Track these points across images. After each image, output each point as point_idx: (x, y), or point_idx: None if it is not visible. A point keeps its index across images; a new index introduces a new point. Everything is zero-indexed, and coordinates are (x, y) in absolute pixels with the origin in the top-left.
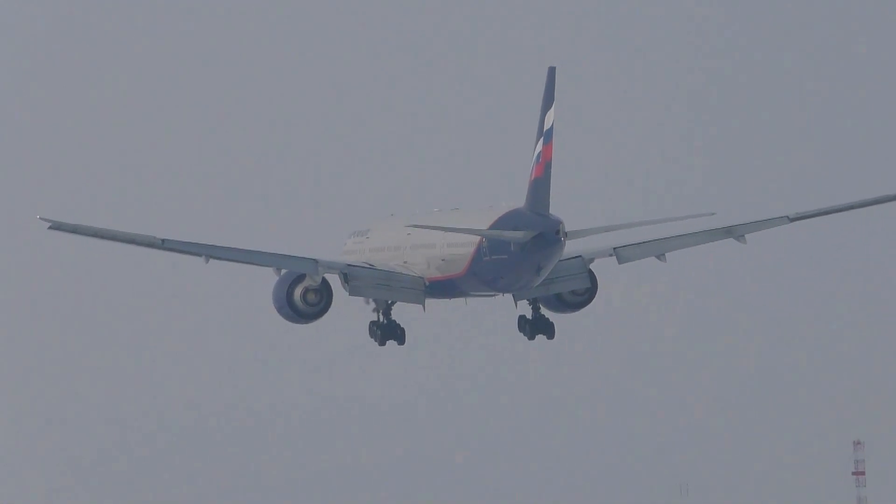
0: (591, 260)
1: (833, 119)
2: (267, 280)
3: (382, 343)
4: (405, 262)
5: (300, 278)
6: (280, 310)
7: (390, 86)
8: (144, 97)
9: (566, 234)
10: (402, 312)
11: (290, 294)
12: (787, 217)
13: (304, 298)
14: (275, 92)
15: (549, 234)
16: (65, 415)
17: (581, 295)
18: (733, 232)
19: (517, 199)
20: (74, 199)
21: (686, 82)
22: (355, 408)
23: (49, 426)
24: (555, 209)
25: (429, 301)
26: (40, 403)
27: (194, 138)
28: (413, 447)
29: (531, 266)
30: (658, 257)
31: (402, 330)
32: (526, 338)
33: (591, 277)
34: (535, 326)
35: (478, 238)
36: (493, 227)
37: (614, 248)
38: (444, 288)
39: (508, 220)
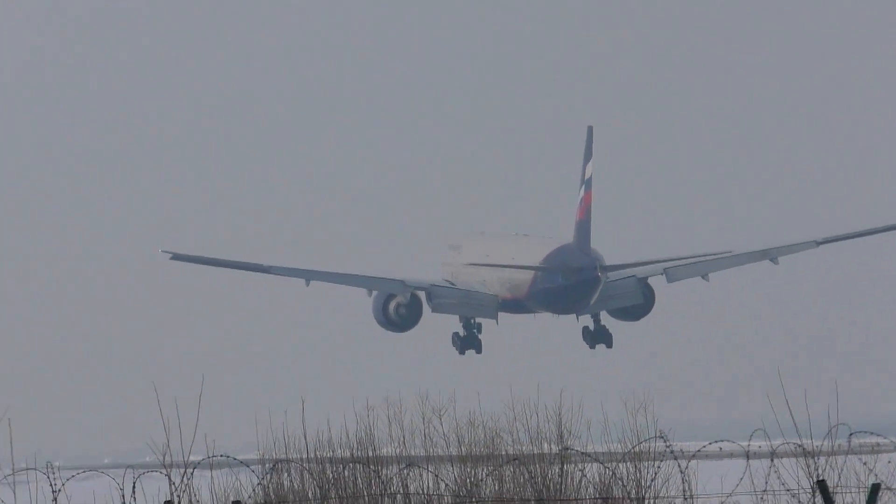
0: (645, 279)
1: (850, 151)
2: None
3: (462, 352)
4: (483, 281)
5: (393, 294)
6: (378, 321)
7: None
8: (237, 137)
9: (603, 269)
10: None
11: (385, 308)
12: (815, 241)
13: (396, 312)
14: (357, 127)
15: (588, 271)
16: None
17: (638, 308)
18: (768, 254)
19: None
20: (185, 232)
21: (706, 124)
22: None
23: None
24: (602, 243)
25: (503, 315)
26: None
27: (294, 176)
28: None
29: (577, 294)
30: (703, 277)
31: (480, 341)
32: (588, 346)
33: (648, 292)
34: (595, 336)
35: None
36: (544, 261)
37: (664, 269)
38: (513, 306)
39: (557, 256)
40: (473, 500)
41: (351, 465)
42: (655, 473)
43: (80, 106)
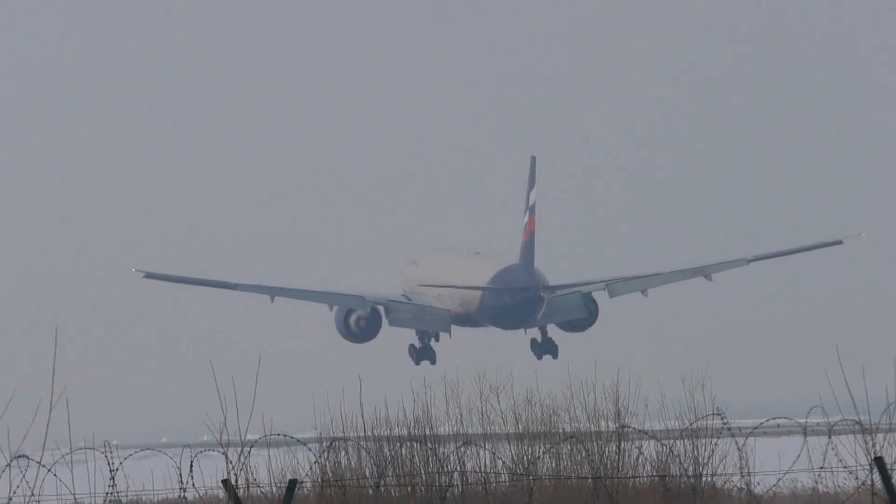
0: (589, 294)
1: (781, 174)
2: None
3: (418, 363)
4: (438, 296)
5: (354, 308)
6: (340, 333)
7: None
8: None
9: (545, 289)
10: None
11: (346, 321)
12: (746, 259)
13: (357, 325)
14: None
15: (531, 291)
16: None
17: (583, 320)
18: (703, 271)
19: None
20: (155, 251)
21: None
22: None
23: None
24: (550, 262)
25: (457, 328)
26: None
27: (263, 191)
28: None
29: (521, 312)
30: (642, 292)
31: (434, 352)
32: (535, 357)
33: (592, 306)
34: (542, 348)
35: (485, 284)
36: (492, 280)
37: (606, 284)
38: (465, 320)
39: (503, 276)
40: (530, 477)
41: (408, 443)
42: (713, 451)
43: (43, 130)
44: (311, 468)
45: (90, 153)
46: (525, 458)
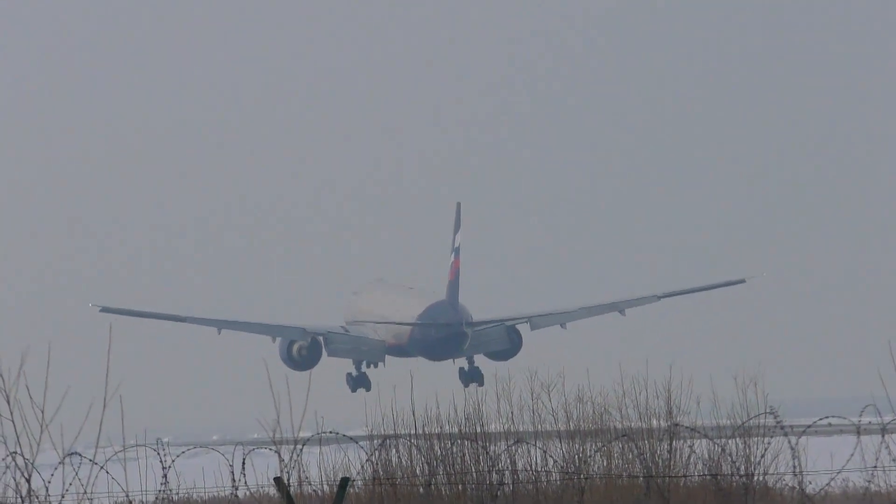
0: (513, 326)
1: (687, 215)
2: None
3: (354, 390)
4: (374, 328)
5: (296, 339)
6: (283, 361)
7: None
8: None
9: (468, 324)
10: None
11: (289, 351)
12: (657, 296)
13: (299, 354)
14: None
15: (455, 326)
16: None
17: (507, 351)
18: (617, 306)
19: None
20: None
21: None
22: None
23: None
24: (474, 298)
25: (391, 358)
26: None
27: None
28: None
29: (447, 345)
30: (561, 325)
31: (369, 381)
32: (462, 385)
33: (516, 337)
34: (469, 376)
35: (414, 319)
36: (420, 316)
37: (528, 318)
38: (397, 351)
39: (430, 312)
40: (582, 476)
41: (459, 441)
42: (765, 449)
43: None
44: (362, 466)
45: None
46: (576, 456)
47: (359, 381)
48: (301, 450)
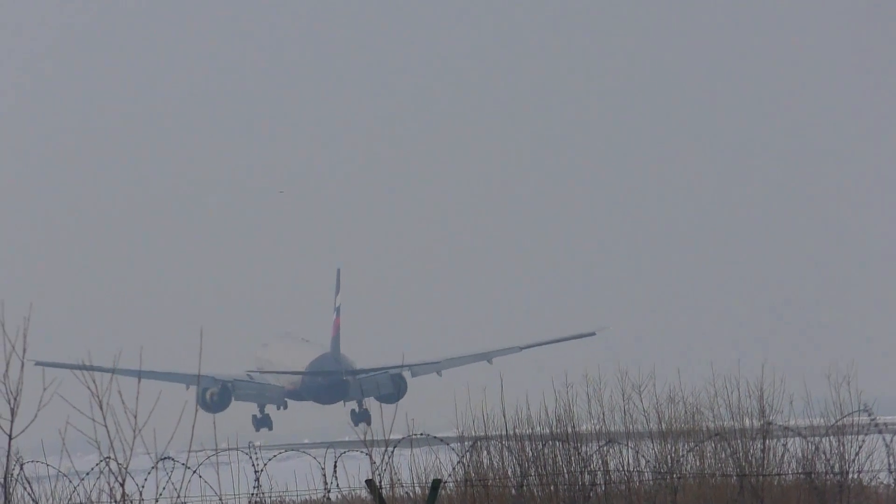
0: (398, 374)
1: (548, 269)
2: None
3: (257, 430)
4: (277, 377)
5: (208, 386)
6: (199, 405)
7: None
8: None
9: (349, 373)
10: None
11: (203, 396)
12: (519, 347)
13: (211, 399)
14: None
15: (336, 375)
16: None
17: (392, 395)
18: (486, 356)
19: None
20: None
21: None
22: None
23: None
24: (366, 349)
25: (293, 402)
26: None
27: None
28: None
29: (331, 392)
30: (437, 373)
31: (272, 421)
32: (353, 424)
33: (401, 383)
34: (359, 417)
35: (304, 368)
36: (308, 366)
37: (410, 366)
38: (295, 396)
39: (316, 363)
40: (674, 476)
41: (550, 442)
42: (860, 448)
43: None
44: (453, 468)
45: None
46: (668, 456)
47: (262, 422)
48: (392, 452)
